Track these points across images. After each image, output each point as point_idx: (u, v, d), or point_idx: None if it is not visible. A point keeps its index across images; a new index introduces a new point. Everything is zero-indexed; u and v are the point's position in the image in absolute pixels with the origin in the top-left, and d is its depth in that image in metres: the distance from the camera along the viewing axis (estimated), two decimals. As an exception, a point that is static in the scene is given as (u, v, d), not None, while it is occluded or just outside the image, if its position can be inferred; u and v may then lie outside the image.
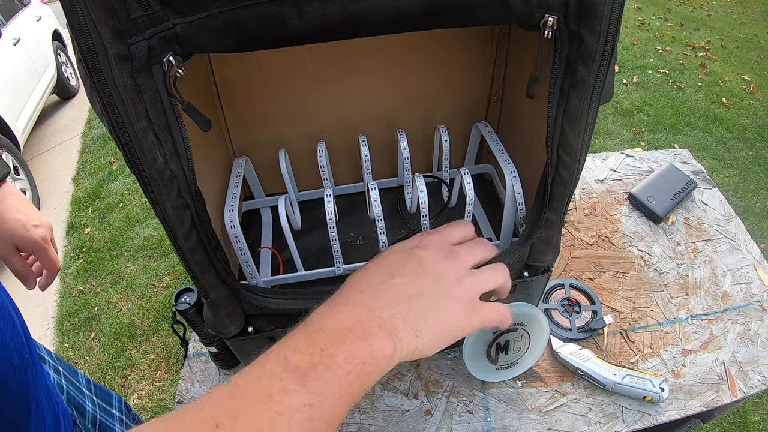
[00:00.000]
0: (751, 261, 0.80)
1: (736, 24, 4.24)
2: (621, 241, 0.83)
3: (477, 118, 0.68)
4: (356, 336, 0.31)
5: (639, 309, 0.73)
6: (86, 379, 0.68)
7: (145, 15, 0.28)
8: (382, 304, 0.34)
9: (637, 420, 0.60)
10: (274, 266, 0.62)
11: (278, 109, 0.62)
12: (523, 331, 0.56)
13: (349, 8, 0.29)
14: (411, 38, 0.57)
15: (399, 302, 0.34)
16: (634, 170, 0.97)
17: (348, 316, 0.32)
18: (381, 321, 0.32)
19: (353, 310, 0.33)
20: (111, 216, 2.43)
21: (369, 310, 0.33)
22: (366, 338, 0.31)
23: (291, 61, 0.57)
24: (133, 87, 0.29)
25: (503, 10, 0.32)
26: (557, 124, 0.37)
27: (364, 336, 0.31)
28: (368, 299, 0.34)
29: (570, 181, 0.40)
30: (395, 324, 0.33)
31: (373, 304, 0.33)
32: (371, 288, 0.35)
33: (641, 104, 2.91)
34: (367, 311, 0.33)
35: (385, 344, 0.31)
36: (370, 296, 0.34)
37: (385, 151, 0.70)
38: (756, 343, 0.69)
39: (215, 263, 0.40)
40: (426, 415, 0.62)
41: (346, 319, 0.32)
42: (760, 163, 2.52)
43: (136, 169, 0.32)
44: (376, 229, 0.54)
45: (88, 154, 3.02)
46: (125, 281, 2.05)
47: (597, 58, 0.32)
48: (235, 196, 0.54)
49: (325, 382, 0.28)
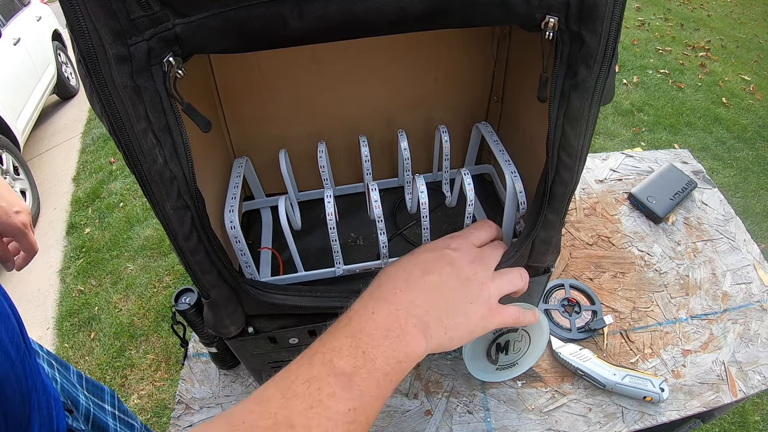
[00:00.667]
0: (751, 261, 0.80)
1: (736, 24, 4.24)
2: (621, 241, 0.83)
3: (477, 118, 0.68)
4: (394, 336, 0.33)
5: (639, 309, 0.73)
6: (77, 373, 0.68)
7: (145, 16, 0.28)
8: (419, 302, 0.35)
9: (637, 420, 0.60)
10: (274, 266, 0.62)
11: (278, 109, 0.62)
12: (523, 332, 0.56)
13: (352, 8, 0.29)
14: (411, 38, 0.57)
15: (433, 300, 0.36)
16: (634, 170, 0.97)
17: (387, 315, 0.34)
18: (416, 319, 0.34)
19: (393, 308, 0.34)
20: (111, 216, 2.43)
21: (407, 309, 0.34)
22: (403, 338, 0.33)
23: (291, 61, 0.57)
24: (133, 88, 0.29)
25: (504, 11, 0.32)
26: (558, 125, 0.37)
27: (402, 336, 0.33)
28: (406, 297, 0.35)
29: (570, 181, 0.40)
30: (428, 321, 0.35)
31: (410, 303, 0.35)
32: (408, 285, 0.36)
33: (641, 104, 2.91)
34: (405, 310, 0.34)
35: (419, 343, 0.33)
36: (407, 295, 0.36)
37: (386, 152, 0.70)
38: (756, 343, 0.69)
39: (216, 263, 0.40)
40: (426, 415, 0.62)
41: (385, 319, 0.33)
42: (760, 163, 2.52)
43: (136, 169, 0.32)
44: (376, 230, 0.54)
45: (88, 154, 3.02)
46: (125, 281, 2.05)
47: (598, 59, 0.32)
48: (235, 197, 0.54)
49: (367, 385, 0.30)
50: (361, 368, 0.30)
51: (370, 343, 0.32)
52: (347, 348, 0.31)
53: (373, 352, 0.31)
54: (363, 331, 0.33)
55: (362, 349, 0.31)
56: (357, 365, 0.30)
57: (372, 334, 0.32)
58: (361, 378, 0.30)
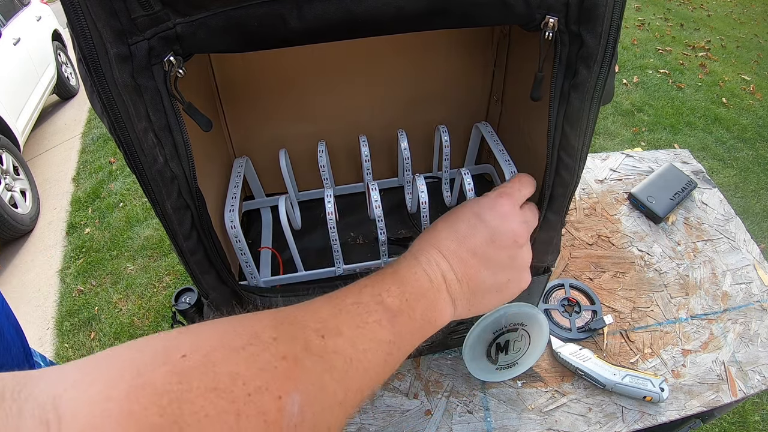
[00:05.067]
0: (751, 261, 0.80)
1: (736, 24, 4.24)
2: (621, 241, 0.83)
3: (477, 118, 0.68)
4: (430, 298, 0.35)
5: (639, 309, 0.73)
6: None
7: (146, 15, 0.28)
8: (451, 278, 0.36)
9: (637, 420, 0.60)
10: (274, 266, 0.62)
11: (278, 109, 0.62)
12: (523, 331, 0.56)
13: (352, 8, 0.29)
14: (411, 38, 0.57)
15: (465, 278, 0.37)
16: (634, 170, 0.97)
17: (426, 280, 0.35)
18: (447, 294, 0.36)
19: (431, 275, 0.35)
20: (111, 216, 2.43)
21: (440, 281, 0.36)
22: (436, 304, 0.35)
23: (291, 61, 0.57)
24: (134, 87, 0.29)
25: (504, 11, 0.32)
26: (558, 125, 0.37)
27: (434, 302, 0.35)
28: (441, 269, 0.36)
29: (570, 181, 0.40)
30: (456, 298, 0.36)
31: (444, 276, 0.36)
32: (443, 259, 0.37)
33: (641, 104, 2.91)
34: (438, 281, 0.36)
35: (447, 312, 0.36)
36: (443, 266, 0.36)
37: (386, 151, 0.70)
38: (756, 343, 0.69)
39: (215, 263, 0.40)
40: (426, 415, 0.62)
41: (424, 282, 0.35)
42: (760, 163, 2.52)
43: (136, 169, 0.32)
44: (376, 229, 0.54)
45: (88, 154, 3.02)
46: (125, 281, 2.05)
47: (598, 59, 0.32)
48: (236, 196, 0.54)
49: (406, 329, 0.32)
50: (404, 311, 0.32)
51: (413, 294, 0.34)
52: (395, 290, 0.33)
53: (414, 304, 0.33)
54: (407, 283, 0.34)
55: (406, 297, 0.33)
56: (402, 308, 0.32)
57: (414, 289, 0.34)
58: (403, 320, 0.32)
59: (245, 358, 0.23)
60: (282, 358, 0.24)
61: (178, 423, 0.19)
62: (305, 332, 0.27)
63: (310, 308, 0.30)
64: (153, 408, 0.19)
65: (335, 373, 0.27)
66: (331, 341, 0.28)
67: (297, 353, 0.25)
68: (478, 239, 0.37)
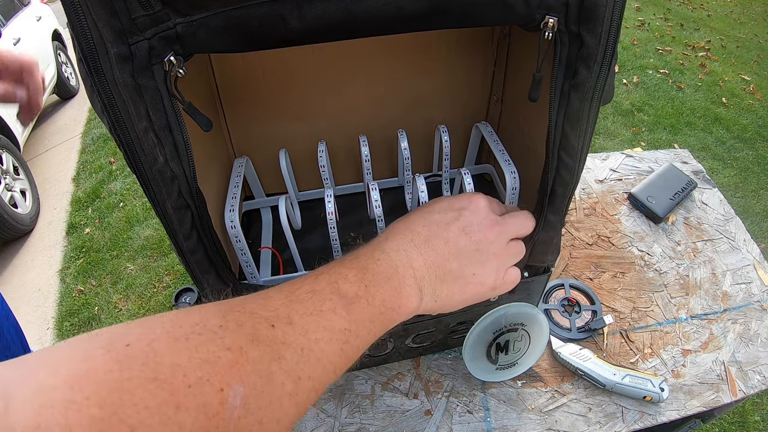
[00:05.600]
0: (751, 261, 0.80)
1: (736, 24, 4.24)
2: (621, 241, 0.83)
3: (477, 118, 0.68)
4: (393, 285, 0.34)
5: (639, 309, 0.73)
6: None
7: (146, 15, 0.28)
8: (419, 264, 0.36)
9: (637, 420, 0.60)
10: (274, 266, 0.62)
11: (278, 109, 0.62)
12: (523, 331, 0.56)
13: (352, 8, 0.29)
14: (411, 38, 0.57)
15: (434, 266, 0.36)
16: (634, 170, 0.97)
17: (389, 266, 0.35)
18: (414, 280, 0.35)
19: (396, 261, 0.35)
20: (111, 216, 2.43)
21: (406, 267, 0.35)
22: (400, 291, 0.34)
23: (291, 61, 0.57)
24: (134, 87, 0.29)
25: (504, 11, 0.32)
26: (558, 125, 0.37)
27: (399, 288, 0.34)
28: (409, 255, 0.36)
29: (570, 181, 0.40)
30: (423, 285, 0.36)
31: (411, 262, 0.36)
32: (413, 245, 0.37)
33: (641, 104, 2.91)
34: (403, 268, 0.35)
35: (412, 300, 0.35)
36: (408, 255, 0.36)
37: (386, 151, 0.70)
38: (756, 343, 0.69)
39: (215, 263, 0.40)
40: (426, 415, 0.62)
41: (387, 269, 0.34)
42: (760, 163, 2.52)
43: (136, 169, 0.32)
44: (376, 229, 0.54)
45: (88, 154, 3.02)
46: (125, 281, 2.05)
47: (598, 59, 0.32)
48: (236, 196, 0.54)
49: (364, 315, 0.31)
50: (362, 298, 0.31)
51: (373, 281, 0.33)
52: (353, 277, 0.32)
53: (374, 290, 0.32)
54: (368, 269, 0.34)
55: (365, 283, 0.32)
56: (359, 294, 0.32)
57: (376, 275, 0.33)
58: (360, 307, 0.31)
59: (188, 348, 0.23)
60: (227, 349, 0.24)
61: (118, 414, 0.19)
62: (254, 321, 0.26)
63: (261, 297, 0.29)
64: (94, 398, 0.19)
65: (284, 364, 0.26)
66: (281, 330, 0.27)
67: (243, 343, 0.25)
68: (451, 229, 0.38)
